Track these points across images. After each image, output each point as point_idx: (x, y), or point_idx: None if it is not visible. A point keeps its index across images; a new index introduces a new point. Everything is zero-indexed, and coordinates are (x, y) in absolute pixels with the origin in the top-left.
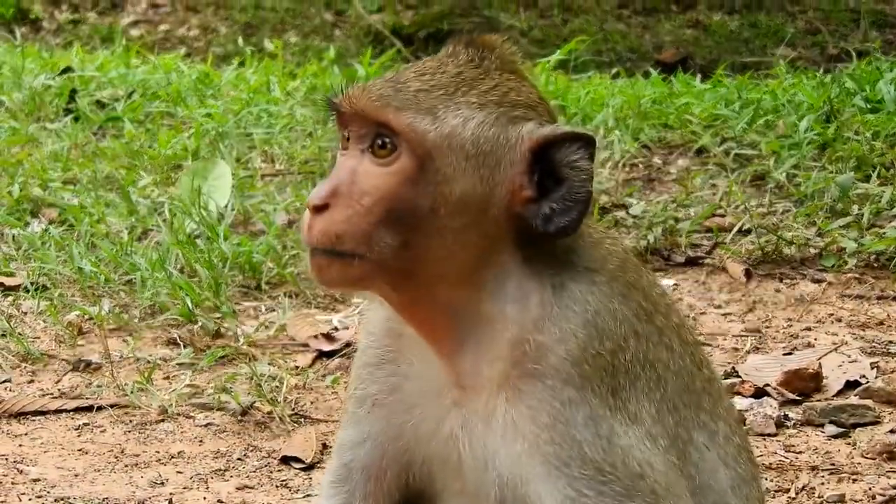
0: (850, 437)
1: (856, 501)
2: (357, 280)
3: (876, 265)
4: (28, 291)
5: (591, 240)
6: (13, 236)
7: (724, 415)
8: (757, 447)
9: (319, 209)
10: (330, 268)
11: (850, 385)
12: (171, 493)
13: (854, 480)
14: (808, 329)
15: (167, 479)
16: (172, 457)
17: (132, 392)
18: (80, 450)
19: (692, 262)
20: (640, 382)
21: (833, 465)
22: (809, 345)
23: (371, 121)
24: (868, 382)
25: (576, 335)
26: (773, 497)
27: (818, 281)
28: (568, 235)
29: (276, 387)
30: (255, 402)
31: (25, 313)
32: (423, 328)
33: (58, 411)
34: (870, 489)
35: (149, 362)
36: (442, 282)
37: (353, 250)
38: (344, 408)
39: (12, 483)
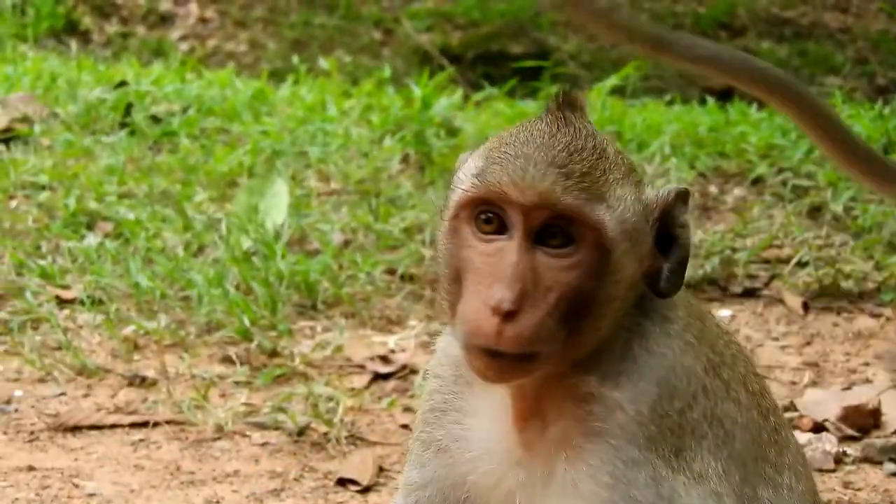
0: None
1: None
2: (528, 376)
3: None
4: (84, 304)
5: None
6: (69, 249)
7: (790, 462)
8: (815, 483)
9: (511, 314)
10: (513, 371)
11: None
12: None
13: None
14: (867, 364)
15: (223, 498)
16: (228, 475)
17: (188, 409)
18: (135, 465)
19: (749, 294)
20: (705, 441)
21: (892, 502)
22: (868, 380)
23: (555, 214)
24: None
25: (649, 394)
26: None
27: (876, 315)
28: (676, 293)
29: (332, 408)
30: (311, 422)
31: (81, 326)
32: (520, 398)
33: (113, 426)
34: None
35: (204, 379)
36: (580, 356)
37: (539, 350)
38: (406, 446)
39: (68, 497)
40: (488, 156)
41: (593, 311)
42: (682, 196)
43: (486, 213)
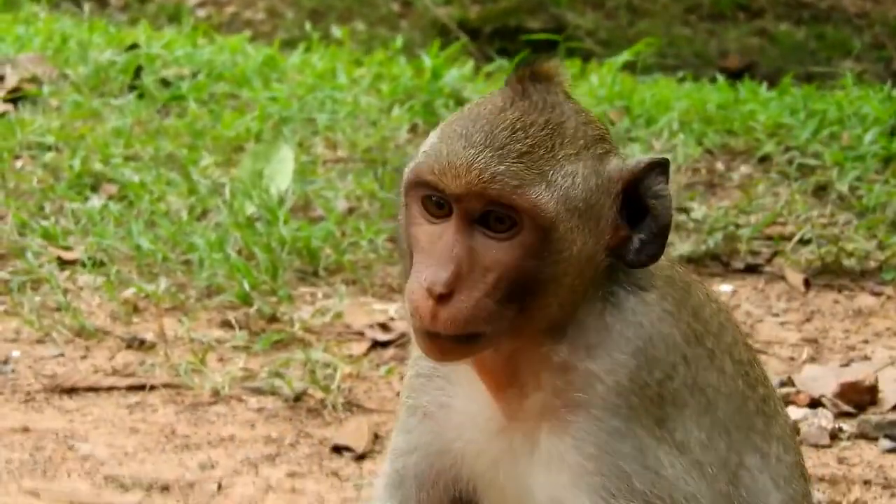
0: None
1: None
2: (474, 355)
3: None
4: (85, 266)
5: None
6: (72, 210)
7: (779, 433)
8: (810, 458)
9: (444, 296)
10: (454, 351)
11: None
12: (220, 477)
13: None
14: (866, 342)
15: (217, 463)
16: (223, 440)
17: (185, 373)
18: (130, 428)
19: (751, 270)
20: (687, 409)
21: (886, 479)
22: (866, 357)
23: (487, 200)
24: None
25: (626, 365)
26: None
27: (877, 294)
28: (653, 263)
29: (330, 374)
30: (307, 388)
31: (81, 288)
32: (483, 370)
33: (110, 389)
34: None
35: (203, 343)
36: (538, 331)
37: (477, 331)
38: (397, 412)
39: (62, 458)
40: (441, 132)
41: (542, 289)
42: (658, 167)
43: (433, 196)
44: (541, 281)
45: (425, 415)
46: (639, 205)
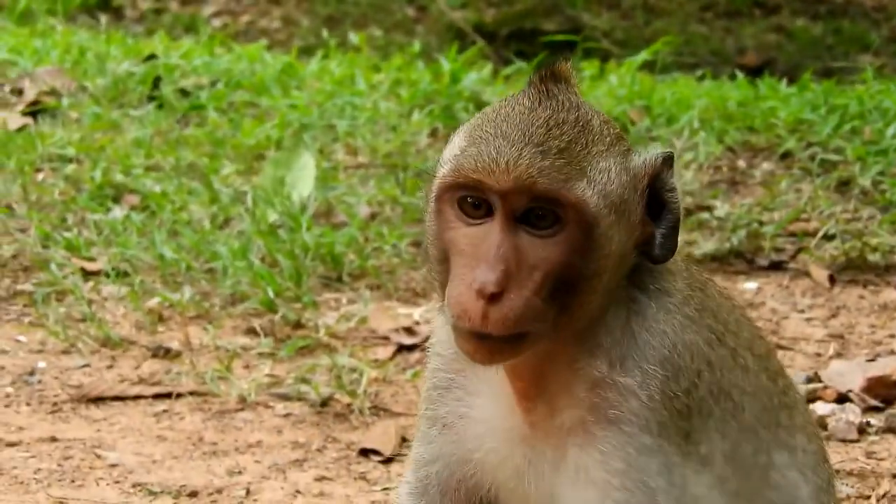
0: None
1: None
2: (518, 356)
3: None
4: (109, 277)
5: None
6: (94, 221)
7: (801, 422)
8: (838, 453)
9: (496, 296)
10: (503, 352)
11: None
12: (248, 483)
13: None
14: (892, 336)
15: (245, 468)
16: (250, 446)
17: (211, 380)
18: (158, 436)
19: (776, 266)
20: (712, 419)
21: None
22: (893, 352)
23: (534, 195)
24: None
25: (656, 376)
26: (854, 503)
27: None
28: (672, 257)
29: (356, 379)
30: (334, 393)
31: (106, 299)
32: (518, 378)
33: (137, 397)
34: None
35: (228, 351)
36: (572, 335)
37: (528, 329)
38: (417, 422)
39: (90, 468)
40: (470, 135)
41: (582, 287)
42: (668, 160)
43: (469, 198)
44: (584, 278)
45: (445, 425)
46: (656, 200)
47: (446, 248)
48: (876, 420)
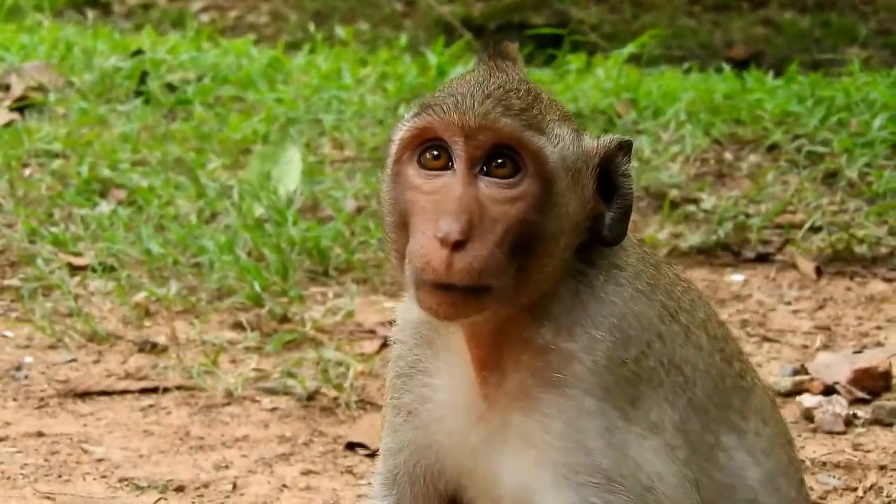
0: None
1: None
2: (480, 312)
3: None
4: (95, 272)
5: None
6: (81, 216)
7: (758, 406)
8: (825, 445)
9: (460, 244)
10: (465, 305)
11: None
12: (235, 477)
13: None
14: (879, 328)
15: (231, 463)
16: (237, 440)
17: (198, 375)
18: (144, 431)
19: (762, 259)
20: (662, 389)
21: None
22: (879, 344)
23: (497, 140)
24: None
25: (604, 342)
26: (841, 495)
27: (889, 280)
28: (620, 241)
29: (343, 372)
30: (320, 387)
31: (93, 293)
32: (476, 345)
33: (123, 392)
34: None
35: (215, 345)
36: (531, 301)
37: (489, 283)
38: (384, 412)
39: (77, 462)
40: (425, 100)
41: (540, 247)
42: (625, 147)
43: (430, 149)
44: (542, 237)
45: (409, 412)
46: (609, 183)
47: (406, 209)
48: (863, 412)
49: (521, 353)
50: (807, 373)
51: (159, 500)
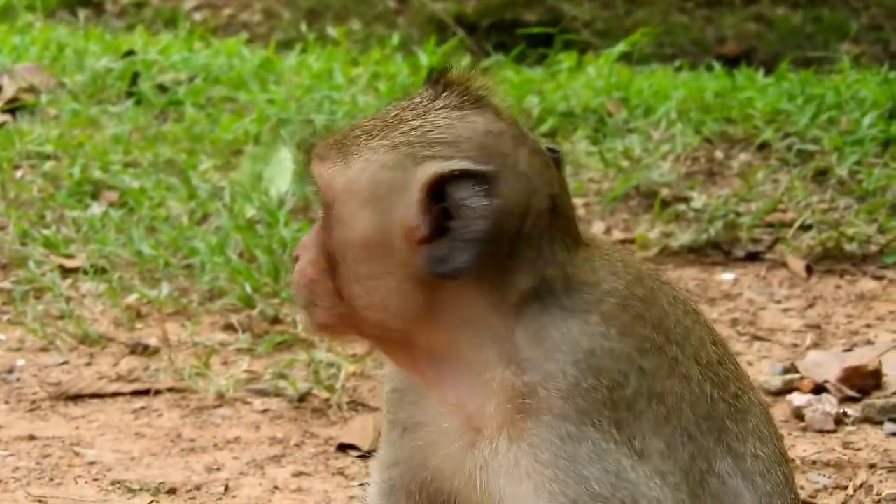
0: None
1: None
2: (323, 326)
3: None
4: (87, 274)
5: (587, 265)
6: (73, 218)
7: (754, 425)
8: (815, 444)
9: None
10: (308, 319)
11: None
12: (227, 479)
13: None
14: (869, 326)
15: (223, 465)
16: (229, 442)
17: (189, 377)
18: (136, 433)
19: (753, 257)
20: (644, 417)
21: (891, 462)
22: (869, 342)
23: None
24: None
25: (564, 373)
26: (831, 494)
27: (879, 278)
28: (459, 278)
29: (334, 374)
30: (312, 388)
31: (84, 296)
32: (418, 376)
33: (115, 394)
34: None
35: (206, 347)
36: (393, 328)
37: (313, 299)
38: (382, 423)
39: (69, 465)
40: None
41: (342, 272)
42: (469, 176)
43: None
44: (334, 260)
45: (405, 429)
46: (450, 213)
47: None
48: (853, 410)
49: (482, 385)
50: (797, 371)
51: (151, 502)
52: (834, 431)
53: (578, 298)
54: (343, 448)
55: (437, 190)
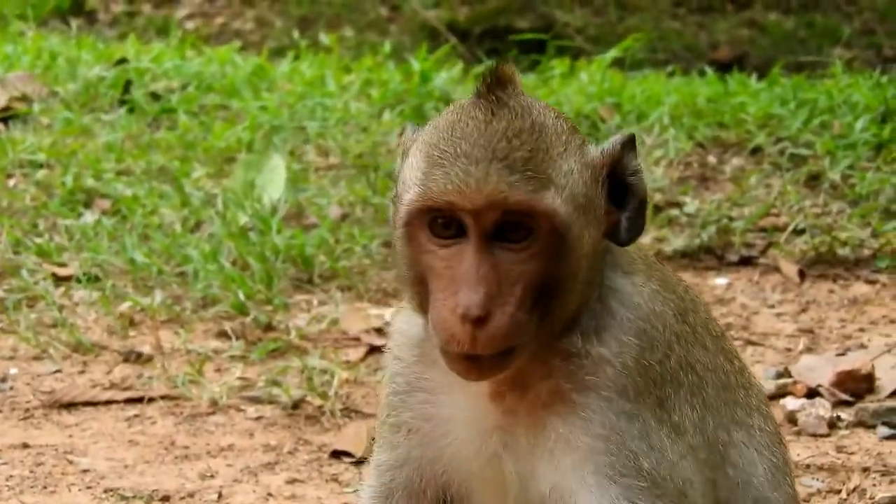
0: None
1: None
2: (509, 369)
3: None
4: (80, 282)
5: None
6: (66, 227)
7: (756, 403)
8: (808, 448)
9: (481, 319)
10: (493, 369)
11: None
12: (220, 486)
13: None
14: (862, 330)
15: (217, 472)
16: (222, 449)
17: (183, 384)
18: (130, 441)
19: (746, 262)
20: (682, 389)
21: (885, 466)
22: (862, 346)
23: (506, 210)
24: None
25: (631, 346)
26: (825, 498)
27: (872, 282)
28: (639, 237)
29: (328, 381)
30: (305, 395)
31: (77, 304)
32: (496, 382)
33: (108, 402)
34: None
35: (200, 354)
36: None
37: (516, 343)
38: (378, 428)
39: (62, 474)
40: (428, 155)
41: (562, 290)
42: (629, 143)
43: (440, 219)
44: (561, 282)
45: (411, 430)
46: (619, 184)
47: (422, 271)
48: (846, 414)
49: (549, 359)
50: (790, 376)
51: None
52: (827, 435)
53: (624, 267)
54: (337, 455)
55: (612, 166)
